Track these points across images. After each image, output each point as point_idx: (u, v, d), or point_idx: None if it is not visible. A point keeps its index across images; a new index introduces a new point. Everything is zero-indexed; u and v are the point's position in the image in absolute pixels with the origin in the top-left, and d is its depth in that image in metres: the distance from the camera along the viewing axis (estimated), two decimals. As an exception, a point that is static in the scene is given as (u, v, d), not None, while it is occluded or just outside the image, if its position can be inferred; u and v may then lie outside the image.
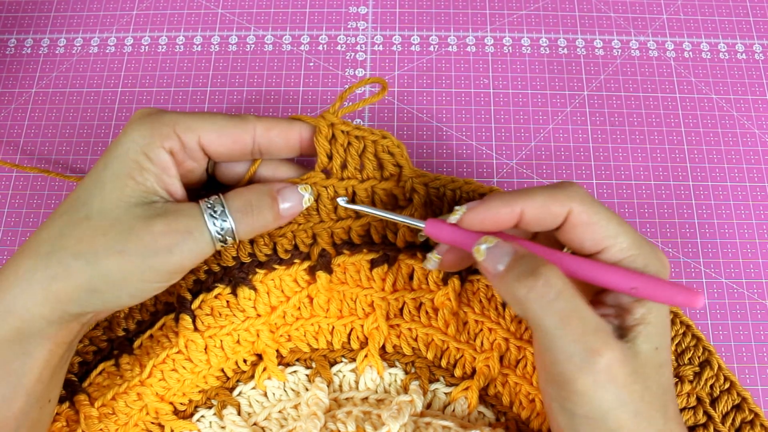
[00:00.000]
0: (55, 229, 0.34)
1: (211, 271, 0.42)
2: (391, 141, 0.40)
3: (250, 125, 0.37)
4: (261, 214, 0.36)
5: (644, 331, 0.32)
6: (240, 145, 0.37)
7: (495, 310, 0.42)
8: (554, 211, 0.33)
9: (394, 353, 0.43)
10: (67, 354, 0.37)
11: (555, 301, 0.30)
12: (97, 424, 0.40)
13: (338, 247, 0.42)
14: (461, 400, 0.42)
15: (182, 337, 0.40)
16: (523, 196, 0.33)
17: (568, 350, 0.30)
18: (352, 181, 0.40)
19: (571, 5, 0.55)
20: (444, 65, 0.53)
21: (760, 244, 0.48)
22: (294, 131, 0.38)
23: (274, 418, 0.42)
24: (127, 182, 0.34)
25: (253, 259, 0.41)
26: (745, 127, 0.51)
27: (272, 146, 0.38)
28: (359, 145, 0.39)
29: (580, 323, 0.31)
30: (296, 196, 0.37)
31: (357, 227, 0.41)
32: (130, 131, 0.35)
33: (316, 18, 0.54)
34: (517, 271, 0.31)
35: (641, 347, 0.32)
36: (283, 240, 0.41)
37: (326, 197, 0.40)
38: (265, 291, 0.42)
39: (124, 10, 0.55)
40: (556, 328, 0.30)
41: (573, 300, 0.31)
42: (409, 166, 0.40)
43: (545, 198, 0.33)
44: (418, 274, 0.42)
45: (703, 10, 0.55)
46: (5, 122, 0.51)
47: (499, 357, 0.41)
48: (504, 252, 0.32)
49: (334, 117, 0.39)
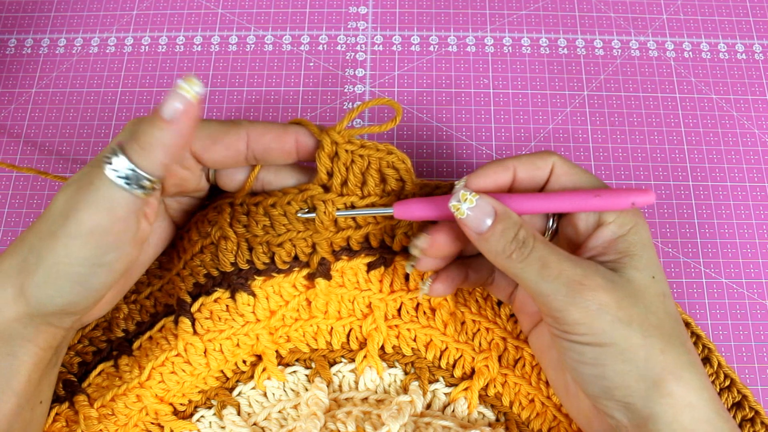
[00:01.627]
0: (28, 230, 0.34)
1: (210, 275, 0.41)
2: (396, 156, 0.38)
3: (242, 131, 0.36)
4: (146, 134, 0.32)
5: (631, 262, 0.34)
6: (233, 152, 0.36)
7: (491, 309, 0.42)
8: (540, 165, 0.36)
9: (393, 354, 0.43)
10: (56, 358, 0.37)
11: (532, 252, 0.33)
12: (96, 424, 0.40)
13: (337, 254, 0.41)
14: (461, 400, 0.42)
15: (181, 341, 0.40)
16: (513, 159, 0.36)
17: (552, 287, 0.32)
18: (352, 197, 0.39)
19: (571, 5, 0.55)
20: (444, 65, 0.53)
21: (760, 244, 0.48)
22: (289, 136, 0.37)
23: (273, 418, 0.42)
24: None
25: (251, 266, 0.40)
26: (745, 127, 0.51)
27: (267, 152, 0.37)
28: (363, 163, 0.38)
29: (559, 263, 0.33)
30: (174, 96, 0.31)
31: (357, 236, 0.41)
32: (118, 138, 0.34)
33: (316, 18, 0.54)
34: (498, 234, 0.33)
35: (632, 274, 0.33)
36: (281, 251, 0.40)
37: (322, 212, 0.38)
38: (264, 296, 0.41)
39: (124, 10, 0.55)
40: (538, 273, 0.33)
41: (548, 247, 0.33)
42: (412, 180, 0.39)
43: (532, 157, 0.36)
44: (413, 275, 0.42)
45: (703, 10, 0.55)
46: (5, 122, 0.51)
47: (497, 357, 0.41)
48: (485, 212, 0.34)
49: (338, 136, 0.37)
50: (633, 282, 0.33)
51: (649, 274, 0.34)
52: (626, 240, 0.34)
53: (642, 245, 0.34)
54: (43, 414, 0.38)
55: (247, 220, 0.39)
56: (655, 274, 0.34)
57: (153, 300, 0.42)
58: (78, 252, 0.32)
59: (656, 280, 0.34)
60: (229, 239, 0.39)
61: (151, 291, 0.43)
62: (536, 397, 0.41)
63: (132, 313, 0.42)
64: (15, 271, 0.33)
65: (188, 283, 0.41)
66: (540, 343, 0.39)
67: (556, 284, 0.32)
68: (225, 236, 0.40)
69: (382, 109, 0.51)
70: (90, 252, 0.32)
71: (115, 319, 0.42)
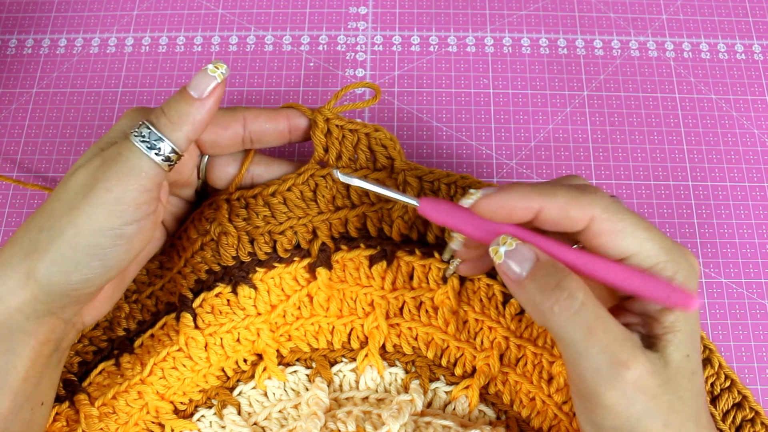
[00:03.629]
0: (31, 219, 0.35)
1: (211, 271, 0.42)
2: (383, 134, 0.41)
3: (239, 114, 0.38)
4: (171, 106, 0.35)
5: (674, 340, 0.31)
6: (232, 133, 0.38)
7: (495, 308, 0.42)
8: (574, 216, 0.31)
9: (394, 352, 0.43)
10: (57, 355, 0.37)
11: (579, 313, 0.29)
12: (97, 423, 0.40)
13: (336, 242, 0.42)
14: (462, 398, 0.42)
15: (183, 335, 0.40)
16: (543, 193, 0.31)
17: (594, 363, 0.29)
18: (347, 170, 0.41)
19: (571, 5, 0.55)
20: (444, 65, 0.53)
21: (759, 244, 0.48)
22: (281, 117, 0.39)
23: (274, 417, 0.42)
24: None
25: (253, 258, 0.42)
26: (745, 127, 0.51)
27: (262, 133, 0.38)
28: (353, 138, 0.41)
29: (605, 334, 0.29)
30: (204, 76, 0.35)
31: (353, 218, 0.41)
32: (118, 124, 0.36)
33: (316, 18, 0.55)
34: (539, 281, 0.30)
35: (672, 356, 0.30)
36: (282, 239, 0.41)
37: (324, 187, 0.41)
38: (266, 289, 0.42)
39: (125, 10, 0.55)
40: (581, 340, 0.29)
41: (597, 310, 0.30)
42: (401, 159, 0.41)
43: (567, 200, 0.31)
44: (417, 272, 0.42)
45: (703, 11, 0.55)
46: (6, 122, 0.51)
47: (499, 356, 0.42)
48: (525, 257, 0.31)
49: (329, 113, 0.40)
50: (671, 365, 0.30)
51: (685, 353, 0.31)
52: (675, 314, 0.31)
53: (686, 320, 0.31)
54: (44, 416, 0.37)
55: (246, 213, 0.41)
56: (690, 352, 0.31)
57: (154, 299, 0.43)
58: (102, 221, 0.33)
59: (689, 359, 0.31)
60: (229, 234, 0.40)
61: (152, 290, 0.43)
62: (537, 395, 0.41)
63: (133, 312, 0.42)
64: (19, 258, 0.33)
65: (190, 280, 0.42)
66: None
67: (600, 358, 0.29)
68: (225, 231, 0.40)
69: (381, 109, 0.51)
70: (114, 222, 0.33)
71: (116, 319, 0.42)
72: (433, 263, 0.42)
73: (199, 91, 0.35)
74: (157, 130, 0.34)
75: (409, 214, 0.41)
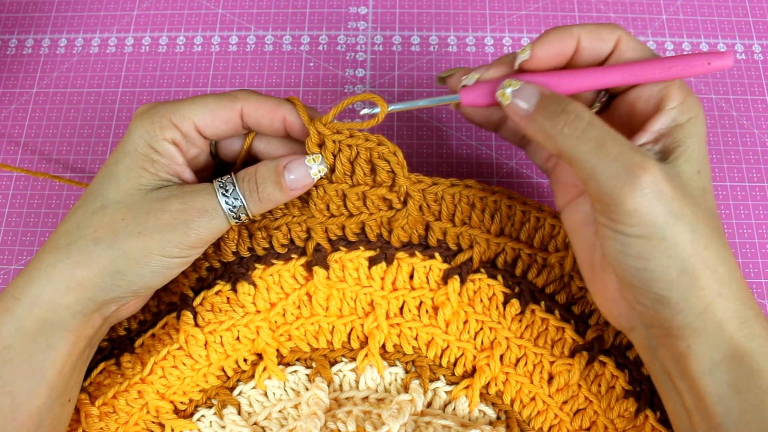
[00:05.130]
0: (72, 223, 0.36)
1: (212, 268, 0.42)
2: (386, 148, 0.39)
3: (238, 104, 0.38)
4: (266, 189, 0.37)
5: (684, 153, 0.33)
6: (232, 125, 0.38)
7: (496, 309, 0.42)
8: (606, 37, 0.35)
9: (394, 352, 0.43)
10: (88, 351, 0.38)
11: (587, 130, 0.32)
12: (97, 422, 0.40)
13: (334, 243, 0.42)
14: (462, 398, 0.42)
15: (183, 333, 0.41)
16: (576, 27, 0.35)
17: (610, 171, 0.31)
18: (343, 185, 0.39)
19: (571, 5, 0.55)
20: (444, 65, 0.53)
21: (759, 244, 0.48)
22: (279, 113, 0.38)
23: (274, 417, 0.42)
24: (141, 173, 0.36)
25: (252, 254, 0.42)
26: (745, 127, 0.51)
27: (258, 125, 0.39)
28: (350, 153, 0.39)
29: (616, 144, 0.31)
30: (302, 167, 0.37)
31: (351, 225, 0.41)
32: (134, 129, 0.37)
33: (316, 18, 0.55)
34: (546, 110, 0.33)
35: (683, 167, 0.32)
36: (278, 233, 0.41)
37: (316, 196, 0.40)
38: (265, 287, 0.42)
39: (125, 10, 0.55)
40: (594, 152, 0.31)
41: (604, 126, 0.32)
42: (403, 174, 0.39)
43: (597, 28, 0.35)
44: (418, 273, 0.42)
45: (703, 11, 0.55)
46: (6, 122, 0.51)
47: (499, 356, 0.42)
48: (530, 93, 0.33)
49: (323, 128, 0.38)
50: (682, 175, 0.32)
51: (696, 168, 0.33)
52: (684, 130, 0.33)
53: (697, 138, 0.33)
54: (69, 414, 0.38)
55: None
56: (701, 168, 0.33)
57: (156, 299, 0.43)
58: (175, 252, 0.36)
59: (701, 175, 0.33)
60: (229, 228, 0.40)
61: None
62: (537, 395, 0.41)
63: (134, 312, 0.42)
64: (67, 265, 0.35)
65: (191, 278, 0.42)
66: (573, 219, 0.38)
67: (614, 166, 0.31)
68: None
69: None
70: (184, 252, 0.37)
71: (117, 318, 0.42)
72: (434, 264, 0.42)
73: (295, 183, 0.37)
74: (243, 197, 0.37)
75: (409, 224, 0.41)
